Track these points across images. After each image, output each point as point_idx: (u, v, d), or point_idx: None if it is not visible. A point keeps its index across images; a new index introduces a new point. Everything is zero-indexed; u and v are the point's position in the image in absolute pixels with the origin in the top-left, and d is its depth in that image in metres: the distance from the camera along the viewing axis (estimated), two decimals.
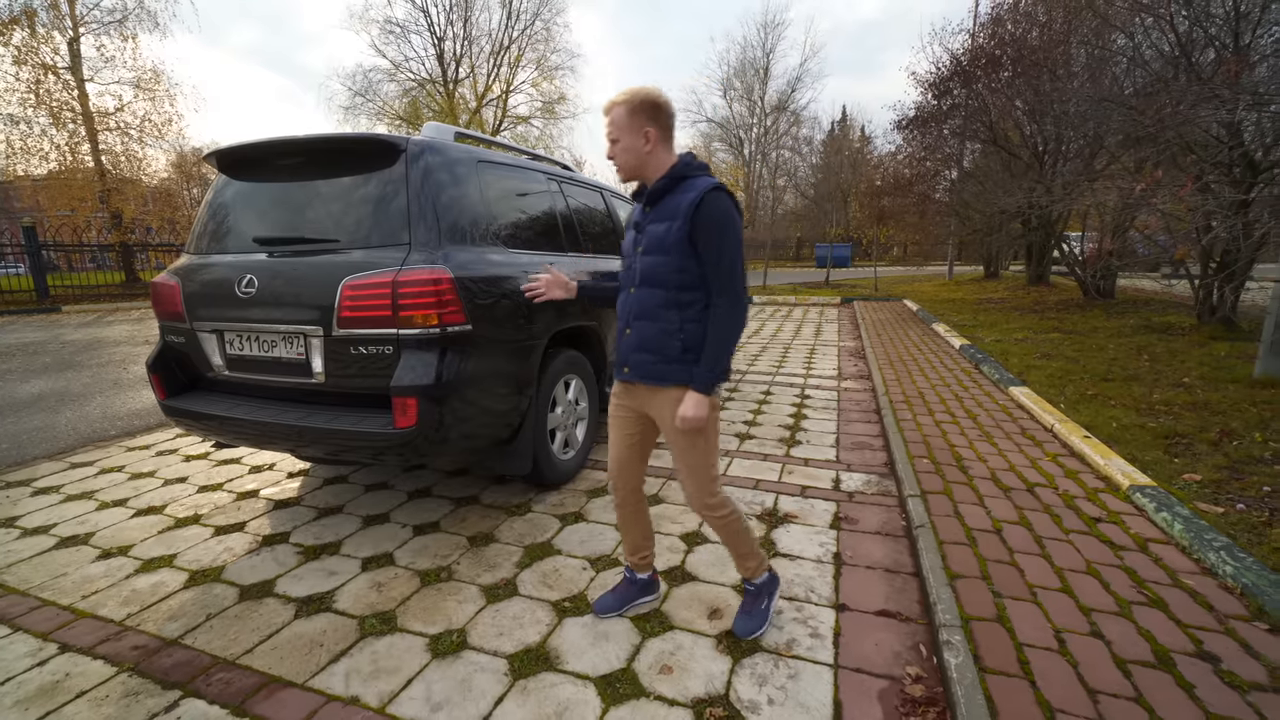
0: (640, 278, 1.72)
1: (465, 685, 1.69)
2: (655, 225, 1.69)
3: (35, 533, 2.69)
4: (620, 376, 1.82)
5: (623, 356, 1.79)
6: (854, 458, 3.48)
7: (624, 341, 1.78)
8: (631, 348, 1.75)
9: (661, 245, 1.66)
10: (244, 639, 1.92)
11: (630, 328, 1.75)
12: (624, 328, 1.78)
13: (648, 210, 1.73)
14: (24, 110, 14.56)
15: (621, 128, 1.64)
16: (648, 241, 1.70)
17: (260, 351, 2.45)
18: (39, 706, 1.63)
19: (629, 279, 1.77)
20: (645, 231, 1.71)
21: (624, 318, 1.79)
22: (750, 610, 1.92)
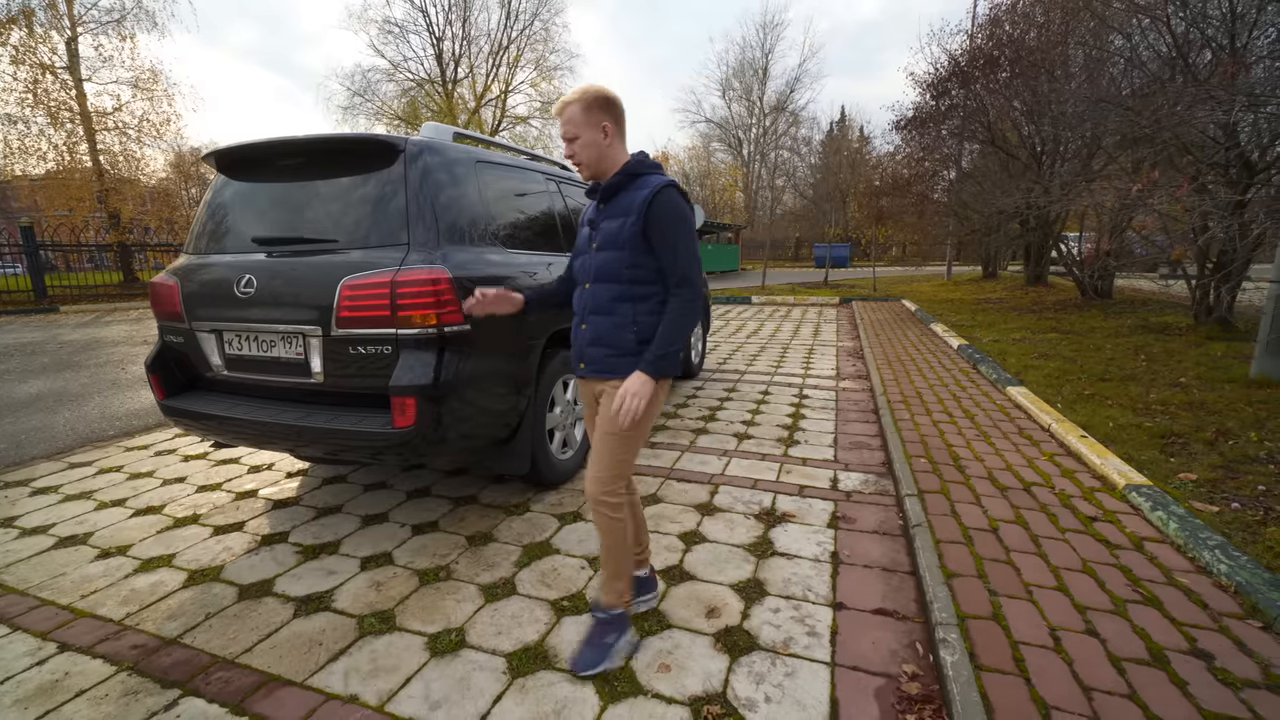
0: (595, 273, 1.73)
1: (464, 684, 1.70)
2: (609, 221, 1.71)
3: (34, 532, 2.69)
4: (577, 374, 1.84)
5: (578, 352, 1.80)
6: (852, 457, 3.49)
7: (579, 336, 1.80)
8: (586, 342, 1.76)
9: (615, 241, 1.68)
10: (243, 638, 1.92)
11: (585, 323, 1.77)
12: (579, 323, 1.80)
13: (602, 207, 1.75)
14: (22, 110, 14.56)
15: (579, 124, 1.65)
16: (602, 238, 1.72)
17: (259, 351, 2.45)
18: (38, 705, 1.64)
19: (584, 275, 1.78)
20: (599, 228, 1.73)
21: (579, 313, 1.80)
22: (596, 642, 1.78)
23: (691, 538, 2.53)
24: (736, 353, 7.14)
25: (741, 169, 42.82)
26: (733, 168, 43.71)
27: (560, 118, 1.67)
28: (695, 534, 2.57)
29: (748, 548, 2.44)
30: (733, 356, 6.88)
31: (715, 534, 2.56)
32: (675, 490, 3.04)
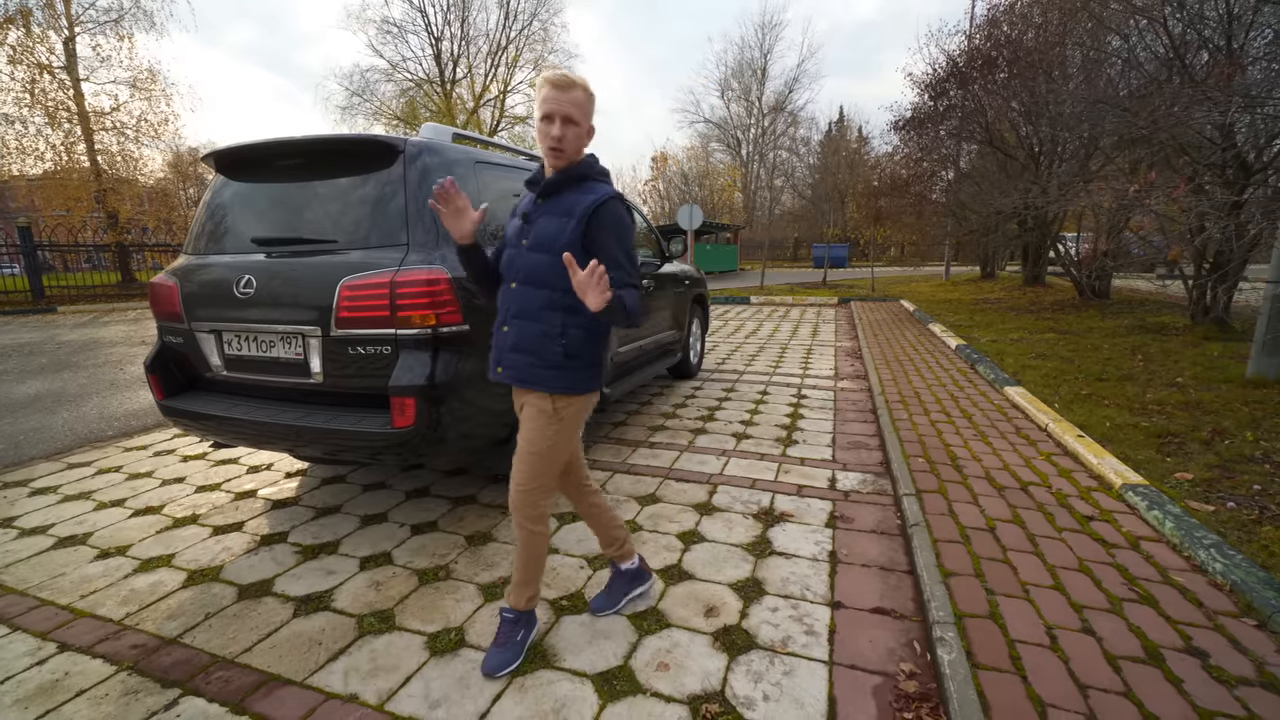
0: (524, 274, 1.66)
1: (463, 683, 1.70)
2: (547, 220, 1.63)
3: (33, 533, 2.69)
4: (492, 376, 1.74)
5: (497, 355, 1.72)
6: (850, 457, 3.50)
7: (500, 338, 1.72)
8: (509, 346, 1.68)
9: (551, 244, 1.60)
10: (243, 638, 1.93)
11: (508, 325, 1.69)
12: (500, 324, 1.72)
13: (540, 202, 1.67)
14: (19, 110, 14.54)
15: (584, 112, 1.58)
16: (535, 237, 1.64)
17: (258, 352, 2.46)
18: (39, 705, 1.64)
19: (511, 272, 1.69)
20: (535, 224, 1.65)
21: (502, 313, 1.72)
22: (505, 643, 1.77)
23: (690, 537, 2.54)
24: (735, 353, 7.15)
25: (740, 169, 42.86)
26: (731, 168, 43.74)
27: (564, 93, 1.54)
28: (694, 534, 2.57)
29: (746, 547, 2.45)
30: (731, 357, 6.89)
31: (714, 534, 2.57)
32: (674, 490, 3.04)
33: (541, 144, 1.60)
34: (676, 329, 5.04)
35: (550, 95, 1.54)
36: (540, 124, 1.58)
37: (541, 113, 1.56)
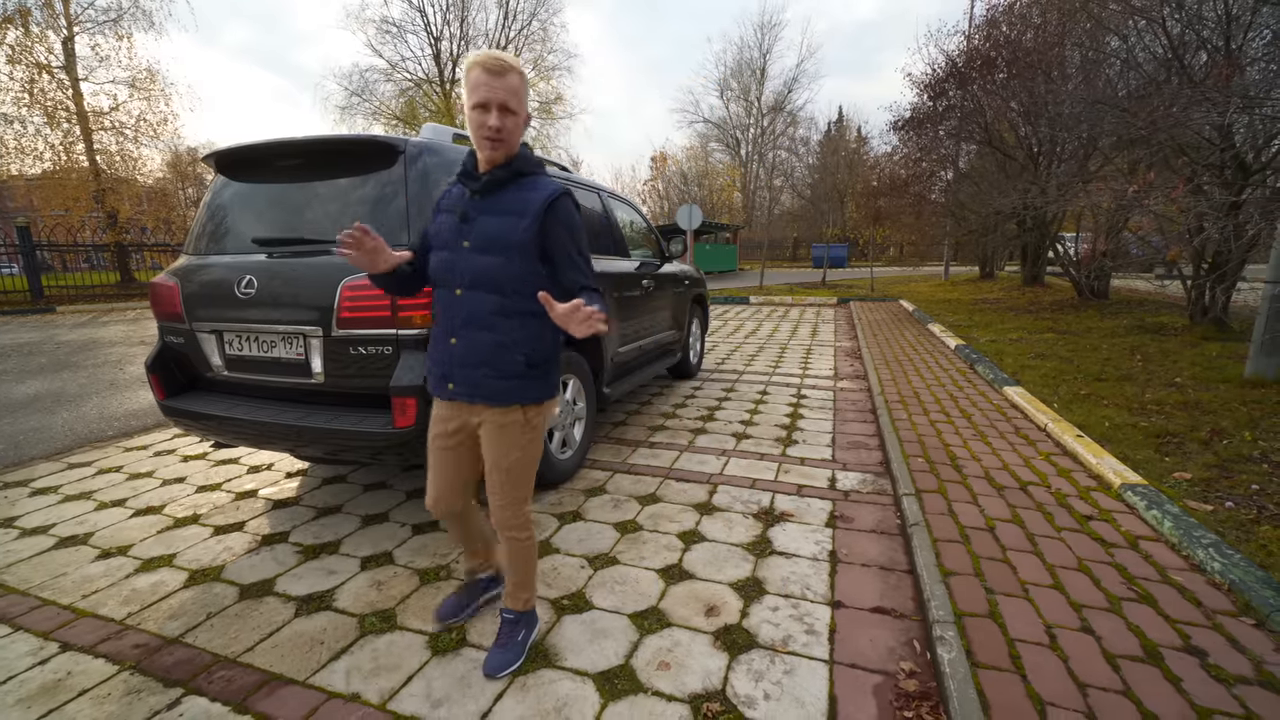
0: (471, 279, 1.51)
1: (465, 682, 1.71)
2: (491, 219, 1.50)
3: (34, 533, 2.69)
4: (443, 395, 1.61)
5: (444, 370, 1.58)
6: (850, 457, 3.50)
7: (447, 352, 1.57)
8: (457, 360, 1.55)
9: (502, 245, 1.50)
10: (244, 637, 1.93)
11: (456, 336, 1.54)
12: (447, 335, 1.56)
13: (476, 198, 1.53)
14: (18, 110, 14.52)
15: (520, 99, 1.44)
16: (480, 238, 1.50)
17: (259, 352, 2.46)
18: (41, 704, 1.64)
19: (454, 277, 1.53)
20: (475, 224, 1.51)
21: (446, 323, 1.56)
22: (507, 643, 1.76)
23: (690, 537, 2.55)
24: (734, 353, 7.16)
25: (739, 169, 42.89)
26: (730, 168, 43.77)
27: (498, 81, 1.39)
28: (694, 533, 2.58)
29: (746, 547, 2.46)
30: (731, 357, 6.89)
31: (714, 533, 2.58)
32: (674, 490, 3.05)
33: (475, 134, 1.45)
34: (676, 329, 5.04)
35: (484, 80, 1.39)
36: (473, 113, 1.42)
37: (475, 100, 1.40)
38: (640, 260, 4.32)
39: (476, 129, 1.44)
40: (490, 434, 1.60)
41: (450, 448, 1.68)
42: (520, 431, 1.61)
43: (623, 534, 2.58)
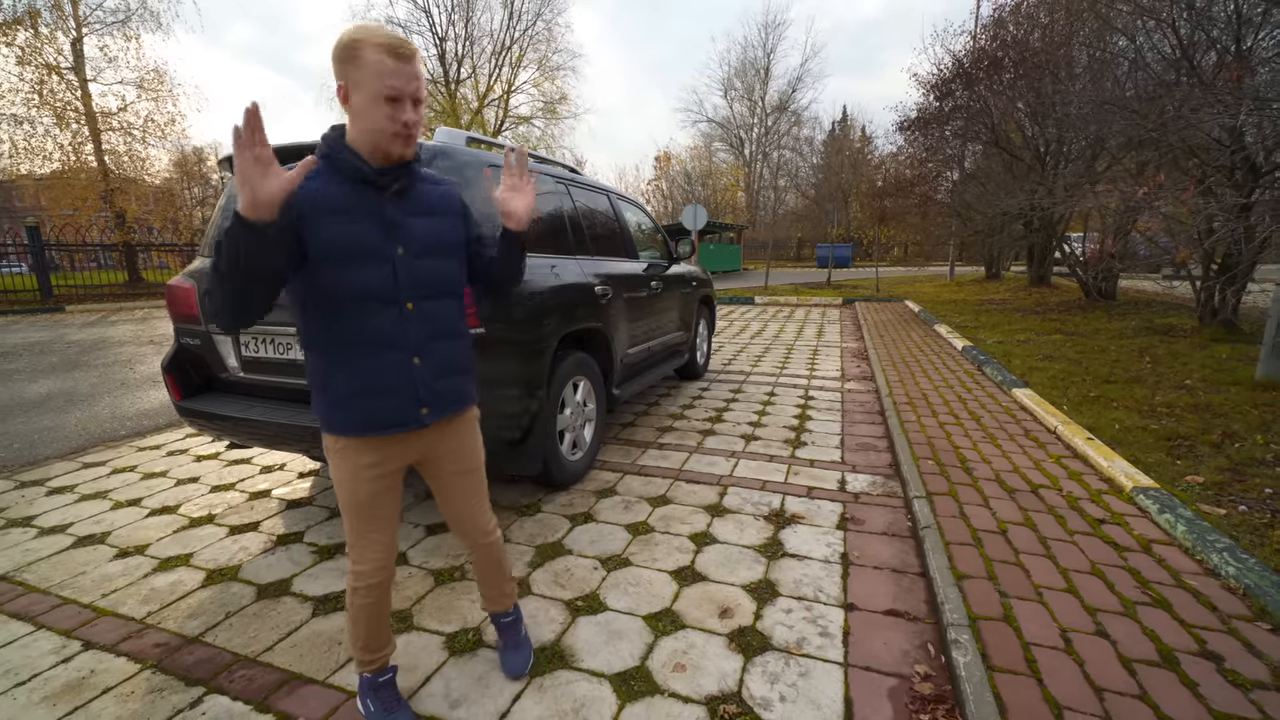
0: (426, 289, 1.38)
1: (483, 682, 1.72)
2: (422, 220, 1.37)
3: (52, 531, 2.72)
4: (412, 424, 1.40)
5: (413, 396, 1.38)
6: (859, 459, 3.51)
7: (409, 376, 1.37)
8: (433, 376, 1.40)
9: (444, 247, 1.41)
10: (263, 637, 1.95)
11: (420, 355, 1.38)
12: (408, 357, 1.36)
13: (395, 199, 1.33)
14: (28, 110, 14.62)
15: (425, 86, 1.33)
16: (420, 242, 1.36)
17: (276, 354, 2.48)
18: (66, 702, 1.67)
19: (392, 291, 1.32)
20: (404, 228, 1.34)
21: (405, 345, 1.35)
22: (519, 642, 1.78)
23: (702, 539, 2.56)
24: (741, 353, 7.17)
25: (743, 169, 42.88)
26: (734, 167, 43.77)
27: (410, 68, 1.24)
28: (706, 535, 2.59)
29: (758, 549, 2.47)
30: (737, 357, 6.90)
31: (725, 535, 2.59)
32: (684, 491, 3.06)
33: (385, 129, 1.24)
34: (684, 330, 5.05)
35: (397, 69, 1.21)
36: (377, 105, 1.22)
37: (385, 90, 1.21)
38: (648, 261, 4.33)
39: (386, 123, 1.23)
40: (463, 437, 1.54)
41: (394, 488, 1.47)
42: (477, 426, 1.61)
43: (635, 535, 2.59)
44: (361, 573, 1.46)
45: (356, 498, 1.41)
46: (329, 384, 1.34)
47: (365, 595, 1.48)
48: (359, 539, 1.45)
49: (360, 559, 1.46)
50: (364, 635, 1.53)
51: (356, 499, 1.41)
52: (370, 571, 1.46)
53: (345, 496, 1.41)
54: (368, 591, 1.47)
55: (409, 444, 1.44)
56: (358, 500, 1.41)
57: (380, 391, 1.35)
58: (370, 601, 1.49)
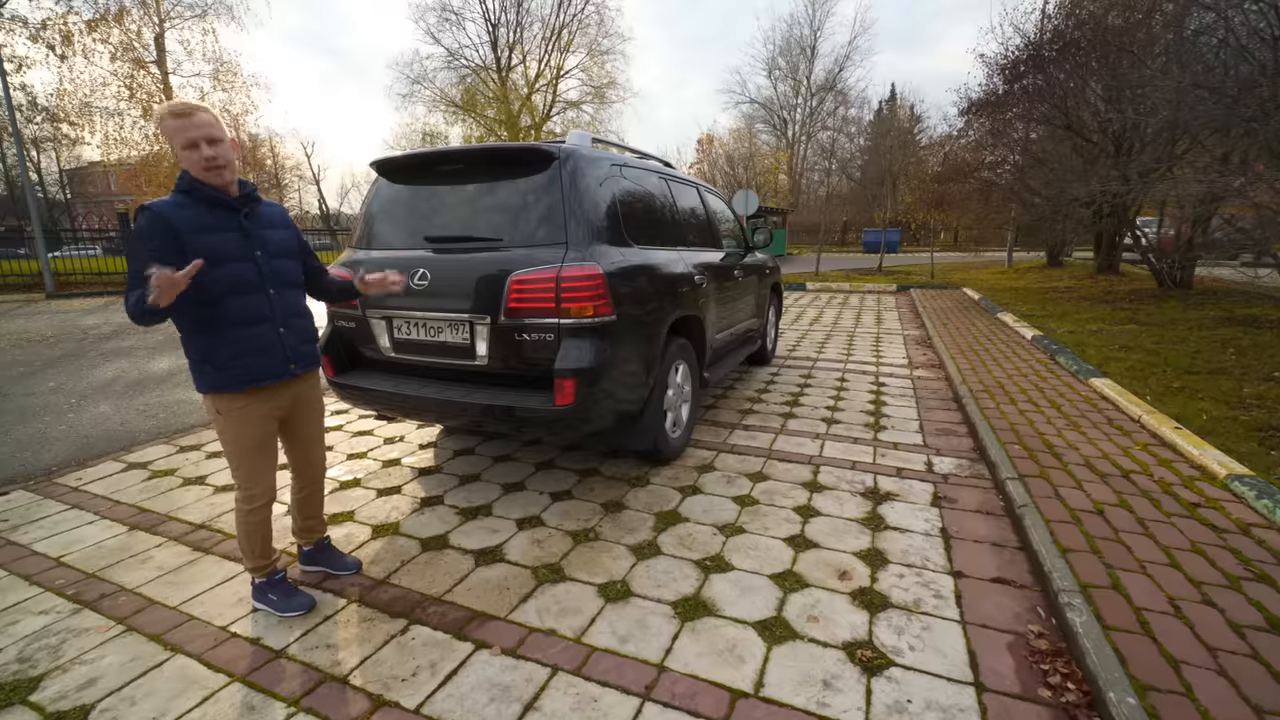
0: (281, 280, 1.94)
1: (642, 624, 1.99)
2: (268, 231, 1.92)
3: (225, 489, 3.12)
4: (284, 375, 1.94)
5: (282, 355, 1.92)
6: (941, 443, 3.65)
7: (277, 341, 1.90)
8: (294, 344, 1.96)
9: (290, 250, 1.98)
10: (440, 582, 2.26)
11: (284, 327, 1.93)
12: (272, 328, 1.89)
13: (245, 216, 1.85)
14: (118, 104, 15.59)
15: (219, 129, 1.75)
16: (274, 247, 1.92)
17: (426, 336, 2.78)
18: (300, 625, 2.01)
19: (261, 281, 1.87)
20: (258, 237, 1.88)
21: (273, 318, 1.90)
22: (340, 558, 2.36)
23: (806, 511, 2.77)
24: (803, 340, 7.29)
25: (786, 151, 42.09)
26: (776, 150, 42.99)
27: (189, 118, 1.70)
28: (809, 508, 2.80)
29: (861, 521, 2.67)
30: (800, 344, 7.03)
31: (827, 509, 2.80)
32: (779, 469, 3.27)
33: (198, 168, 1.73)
34: (758, 317, 5.23)
35: (179, 125, 1.70)
36: (188, 154, 1.72)
37: (183, 141, 1.71)
38: (729, 250, 4.51)
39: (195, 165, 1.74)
40: (315, 388, 2.15)
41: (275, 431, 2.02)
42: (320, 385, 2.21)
43: (743, 507, 2.83)
44: (254, 495, 1.97)
45: (253, 440, 1.92)
46: (213, 356, 1.82)
47: (258, 514, 2.00)
48: (252, 472, 1.95)
49: (253, 486, 1.96)
50: (259, 546, 2.05)
51: (253, 441, 1.92)
52: (261, 493, 1.98)
53: (242, 441, 1.91)
54: (260, 510, 2.00)
55: (281, 393, 1.98)
56: (254, 442, 1.93)
57: (257, 352, 1.87)
58: (262, 519, 2.02)
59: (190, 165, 1.74)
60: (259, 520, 2.02)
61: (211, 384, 1.84)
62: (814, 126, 41.90)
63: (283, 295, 1.95)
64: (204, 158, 1.72)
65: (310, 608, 2.08)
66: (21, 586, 2.27)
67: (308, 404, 2.11)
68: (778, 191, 41.26)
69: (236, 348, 1.83)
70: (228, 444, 1.93)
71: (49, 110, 16.01)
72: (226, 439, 1.92)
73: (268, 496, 2.01)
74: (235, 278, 1.81)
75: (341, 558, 2.34)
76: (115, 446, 3.84)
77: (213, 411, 1.90)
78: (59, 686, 1.75)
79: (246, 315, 1.85)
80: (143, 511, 2.89)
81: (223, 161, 1.75)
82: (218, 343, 1.82)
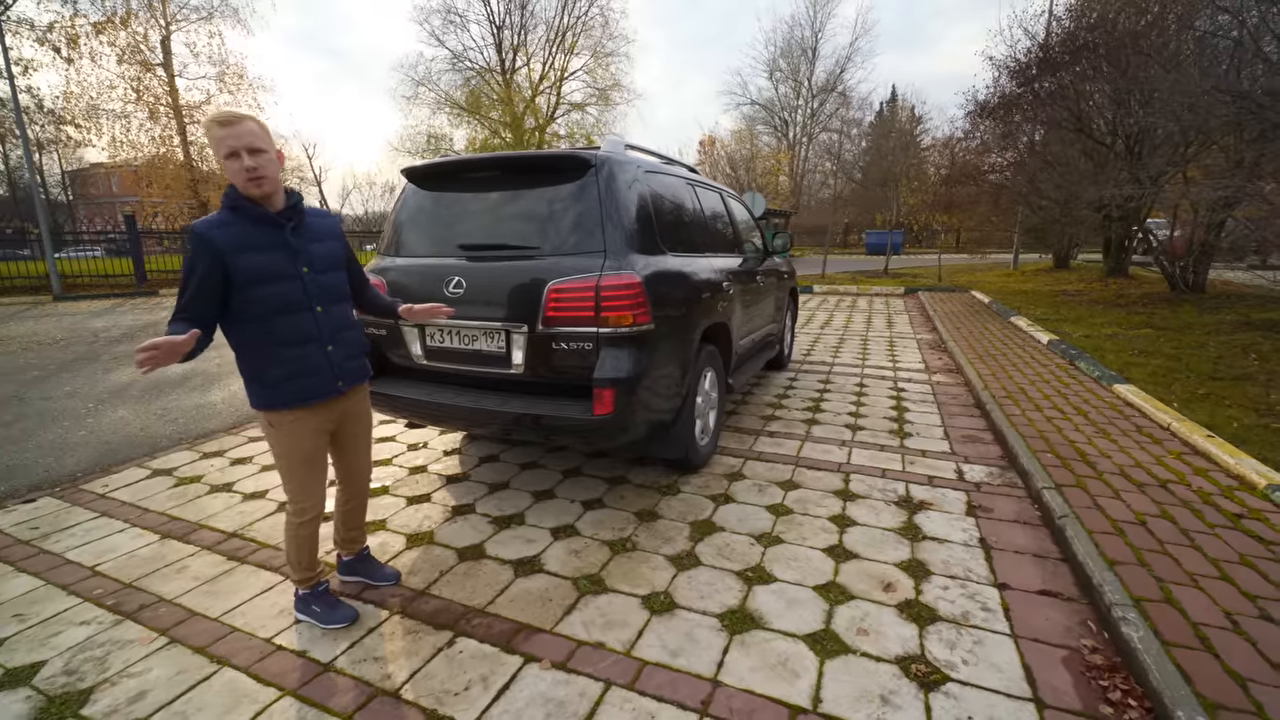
0: (330, 296, 1.89)
1: (690, 638, 1.97)
2: (315, 245, 1.87)
3: (254, 497, 3.10)
4: (332, 393, 1.90)
5: (332, 373, 1.88)
6: (968, 450, 3.63)
7: (325, 359, 1.86)
8: (340, 360, 1.92)
9: (334, 263, 1.93)
10: (480, 593, 2.24)
11: (333, 343, 1.89)
12: (323, 347, 1.85)
13: (292, 230, 1.80)
14: (124, 106, 15.60)
15: (264, 140, 1.70)
16: (320, 262, 1.87)
17: (460, 344, 2.77)
18: (346, 637, 1.99)
19: (305, 300, 1.81)
20: (305, 251, 1.82)
21: (316, 339, 1.84)
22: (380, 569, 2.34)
23: (841, 521, 2.75)
24: (816, 344, 7.27)
25: (788, 152, 42.06)
26: (777, 151, 42.95)
27: (230, 128, 1.65)
28: (844, 517, 2.78)
29: (898, 532, 2.65)
30: (814, 348, 7.02)
31: (863, 518, 2.78)
32: (809, 477, 3.25)
33: (240, 180, 1.69)
34: (777, 322, 5.22)
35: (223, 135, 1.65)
36: (230, 164, 1.67)
37: (225, 151, 1.66)
38: (751, 255, 4.49)
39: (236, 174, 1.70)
40: (363, 401, 2.12)
41: (325, 444, 2.00)
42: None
43: (777, 516, 2.81)
44: (304, 508, 1.95)
45: (304, 453, 1.91)
46: (263, 375, 1.80)
47: (308, 527, 1.99)
48: (304, 485, 1.94)
49: (304, 499, 1.95)
50: (306, 558, 2.04)
51: (304, 454, 1.91)
52: (311, 506, 1.97)
53: (294, 455, 1.90)
54: (310, 523, 1.99)
55: (331, 408, 1.96)
56: (306, 455, 1.91)
57: (307, 373, 1.84)
58: (311, 531, 2.01)
59: (232, 176, 1.71)
60: (309, 533, 2.01)
61: (263, 402, 1.84)
62: (815, 128, 41.86)
63: (329, 311, 1.90)
64: (245, 168, 1.67)
65: (354, 620, 2.07)
66: (60, 596, 2.25)
67: (355, 417, 2.09)
68: (779, 193, 41.24)
69: (286, 368, 1.81)
70: (279, 457, 1.92)
71: (54, 112, 16.04)
72: (278, 452, 1.91)
73: (318, 509, 2.00)
74: (281, 296, 1.78)
75: (380, 568, 2.32)
76: (138, 452, 3.82)
77: (265, 425, 1.89)
78: (109, 700, 1.73)
79: (294, 335, 1.82)
80: (172, 519, 2.87)
81: (264, 173, 1.70)
82: (267, 362, 1.81)
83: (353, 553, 2.30)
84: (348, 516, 2.24)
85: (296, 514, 1.96)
